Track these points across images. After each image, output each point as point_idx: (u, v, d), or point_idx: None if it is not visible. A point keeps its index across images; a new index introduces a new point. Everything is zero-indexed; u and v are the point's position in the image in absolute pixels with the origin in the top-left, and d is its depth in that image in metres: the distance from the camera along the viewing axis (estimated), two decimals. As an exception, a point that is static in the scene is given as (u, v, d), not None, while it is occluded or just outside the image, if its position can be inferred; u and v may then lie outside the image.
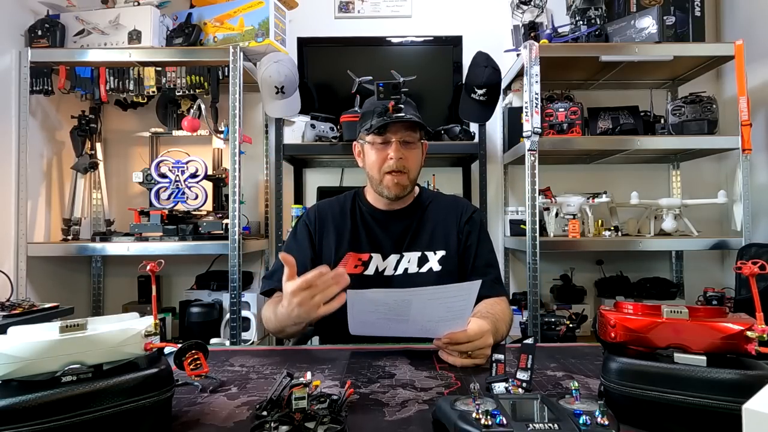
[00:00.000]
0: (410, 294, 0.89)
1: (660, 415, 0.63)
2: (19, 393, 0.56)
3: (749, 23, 2.26)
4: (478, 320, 0.99)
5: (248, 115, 2.50)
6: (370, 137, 1.26)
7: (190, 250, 1.99)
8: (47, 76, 2.02)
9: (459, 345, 0.94)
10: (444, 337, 0.95)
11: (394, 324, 0.95)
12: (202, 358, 0.80)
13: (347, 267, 1.26)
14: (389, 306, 0.91)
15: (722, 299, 1.98)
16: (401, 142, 1.24)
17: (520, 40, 2.26)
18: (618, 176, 2.48)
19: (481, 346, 0.94)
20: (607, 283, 2.38)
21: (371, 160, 1.28)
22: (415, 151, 1.28)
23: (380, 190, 1.28)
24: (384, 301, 0.91)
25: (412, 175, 1.28)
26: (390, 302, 0.90)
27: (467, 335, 0.94)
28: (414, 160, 1.27)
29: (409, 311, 0.91)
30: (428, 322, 0.94)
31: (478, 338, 0.94)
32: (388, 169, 1.24)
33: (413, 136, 1.26)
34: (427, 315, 0.92)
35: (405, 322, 0.94)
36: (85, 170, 2.20)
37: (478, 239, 1.32)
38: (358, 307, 0.92)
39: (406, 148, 1.25)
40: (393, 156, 1.23)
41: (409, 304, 0.90)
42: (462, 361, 0.94)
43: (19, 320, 1.52)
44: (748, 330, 0.62)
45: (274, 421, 0.60)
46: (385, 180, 1.25)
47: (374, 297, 0.91)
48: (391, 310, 0.91)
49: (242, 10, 2.13)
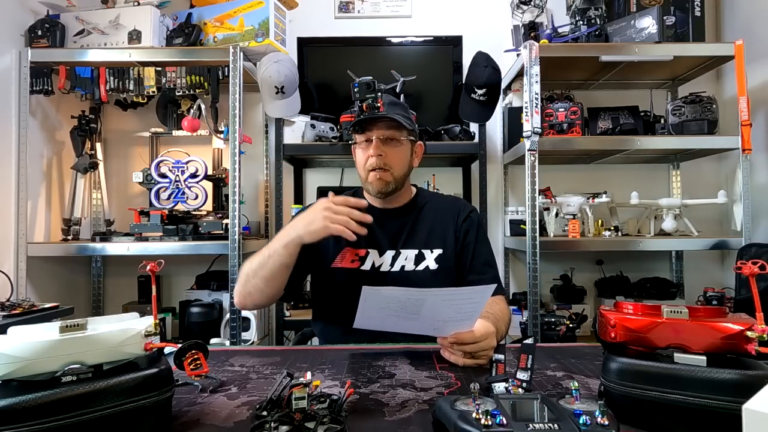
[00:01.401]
0: (426, 294, 0.89)
1: (660, 415, 0.63)
2: (19, 393, 0.56)
3: (749, 23, 2.26)
4: (483, 322, 0.99)
5: (248, 115, 2.50)
6: (356, 137, 1.28)
7: (190, 250, 1.99)
8: (47, 76, 2.02)
9: (465, 345, 0.95)
10: (450, 336, 0.95)
11: (401, 321, 0.95)
12: (202, 358, 0.80)
13: (344, 261, 1.27)
14: (402, 304, 0.91)
15: (722, 299, 1.98)
16: (382, 140, 1.24)
17: (520, 40, 2.26)
18: (618, 176, 2.48)
19: (485, 347, 0.95)
20: (607, 283, 2.38)
21: (358, 159, 1.30)
22: (399, 149, 1.27)
23: (367, 187, 1.30)
24: (398, 299, 0.91)
25: (396, 173, 1.27)
26: (404, 300, 0.91)
27: (474, 336, 0.95)
28: (397, 158, 1.27)
29: (420, 310, 0.92)
30: (437, 321, 0.95)
31: (484, 340, 0.95)
32: (370, 167, 1.25)
33: (395, 133, 1.26)
34: (437, 315, 0.93)
35: (414, 320, 0.94)
36: (85, 170, 2.20)
37: (476, 238, 1.33)
38: (371, 303, 0.91)
39: (387, 145, 1.25)
40: (372, 153, 1.24)
41: (422, 303, 0.90)
42: (464, 361, 0.95)
43: (19, 320, 1.52)
44: (748, 330, 0.62)
45: (274, 421, 0.60)
46: (369, 177, 1.26)
47: (390, 294, 0.91)
48: (403, 307, 0.92)
49: (242, 10, 2.13)
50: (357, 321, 0.96)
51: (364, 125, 1.25)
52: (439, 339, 1.00)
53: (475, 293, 0.92)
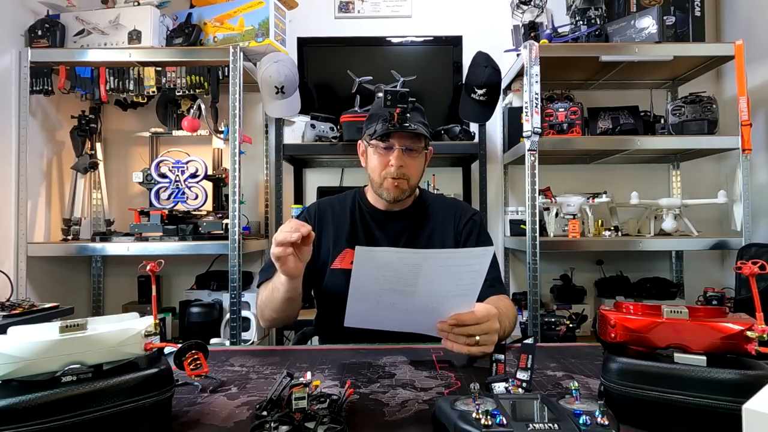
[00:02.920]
0: (422, 257, 0.85)
1: (660, 415, 0.63)
2: (19, 393, 0.56)
3: (749, 23, 2.26)
4: (483, 304, 0.95)
5: (248, 115, 2.50)
6: (374, 141, 1.26)
7: (190, 250, 1.99)
8: (47, 76, 2.02)
9: (466, 327, 0.89)
10: (450, 318, 0.90)
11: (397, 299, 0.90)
12: (202, 358, 0.80)
13: (344, 262, 1.27)
14: (397, 272, 0.86)
15: (722, 299, 1.98)
16: (404, 150, 1.24)
17: (520, 40, 2.26)
18: (618, 176, 2.48)
19: (488, 330, 0.90)
20: (607, 283, 2.38)
21: (373, 163, 1.28)
22: (418, 160, 1.28)
23: (380, 192, 1.29)
24: (393, 264, 0.85)
25: (413, 182, 1.28)
26: (399, 266, 0.85)
27: (475, 317, 0.90)
28: (415, 168, 1.28)
29: (417, 280, 0.86)
30: (435, 297, 0.89)
31: (485, 321, 0.90)
32: (389, 176, 1.25)
33: (417, 144, 1.26)
34: (435, 287, 0.88)
35: (410, 297, 0.89)
36: (85, 170, 2.20)
37: (478, 239, 1.32)
38: (364, 271, 0.86)
39: (408, 156, 1.25)
40: (394, 164, 1.24)
41: (419, 271, 0.85)
42: (468, 349, 0.89)
43: (19, 320, 1.52)
44: (748, 330, 0.62)
45: (274, 421, 0.60)
46: (385, 183, 1.26)
47: (384, 256, 0.86)
48: (399, 278, 0.87)
49: (242, 10, 2.13)
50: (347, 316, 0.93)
51: (389, 134, 1.24)
52: (438, 326, 0.93)
53: (474, 257, 0.88)
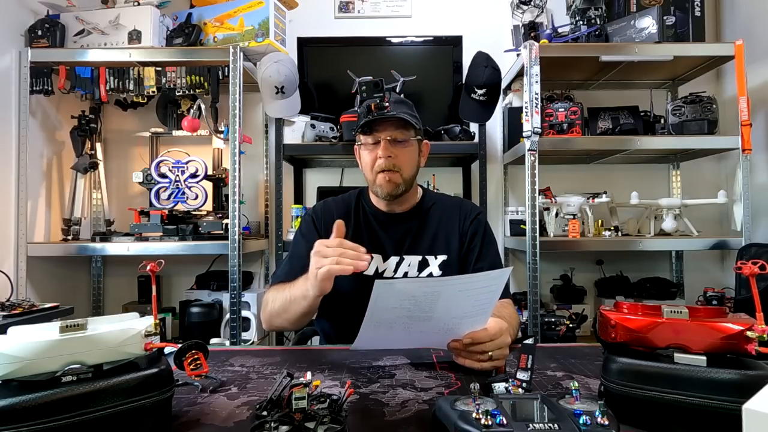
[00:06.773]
0: (441, 285, 0.85)
1: (660, 415, 0.63)
2: (19, 393, 0.56)
3: (749, 23, 2.26)
4: (493, 318, 0.95)
5: (248, 115, 2.50)
6: (362, 138, 1.25)
7: (190, 250, 1.99)
8: (47, 76, 2.02)
9: (481, 345, 0.89)
10: (465, 337, 0.90)
11: (412, 323, 0.89)
12: (202, 358, 0.80)
13: None
14: (416, 300, 0.84)
15: (722, 299, 1.98)
16: (390, 141, 1.22)
17: (520, 40, 2.26)
18: (618, 176, 2.48)
19: (501, 345, 0.90)
20: (607, 283, 2.38)
21: (364, 161, 1.27)
22: (408, 149, 1.25)
23: (375, 189, 1.27)
24: (412, 293, 0.84)
25: (406, 174, 1.25)
26: (418, 295, 0.84)
27: (489, 334, 0.89)
28: (406, 159, 1.25)
29: (434, 306, 0.85)
30: (452, 318, 0.88)
31: (498, 337, 0.90)
32: (379, 169, 1.22)
33: (404, 134, 1.23)
34: (452, 310, 0.87)
35: (426, 321, 0.88)
36: (85, 170, 2.20)
37: (482, 240, 1.31)
38: (382, 302, 0.85)
39: (396, 146, 1.23)
40: (381, 155, 1.21)
41: (438, 297, 0.84)
42: (481, 365, 0.89)
43: (19, 320, 1.52)
44: (748, 330, 0.62)
45: (274, 421, 0.60)
46: (378, 179, 1.24)
47: (404, 288, 0.84)
48: (416, 305, 0.85)
49: (242, 10, 2.13)
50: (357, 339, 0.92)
51: (372, 126, 1.22)
52: (451, 345, 0.93)
53: (491, 280, 0.87)
